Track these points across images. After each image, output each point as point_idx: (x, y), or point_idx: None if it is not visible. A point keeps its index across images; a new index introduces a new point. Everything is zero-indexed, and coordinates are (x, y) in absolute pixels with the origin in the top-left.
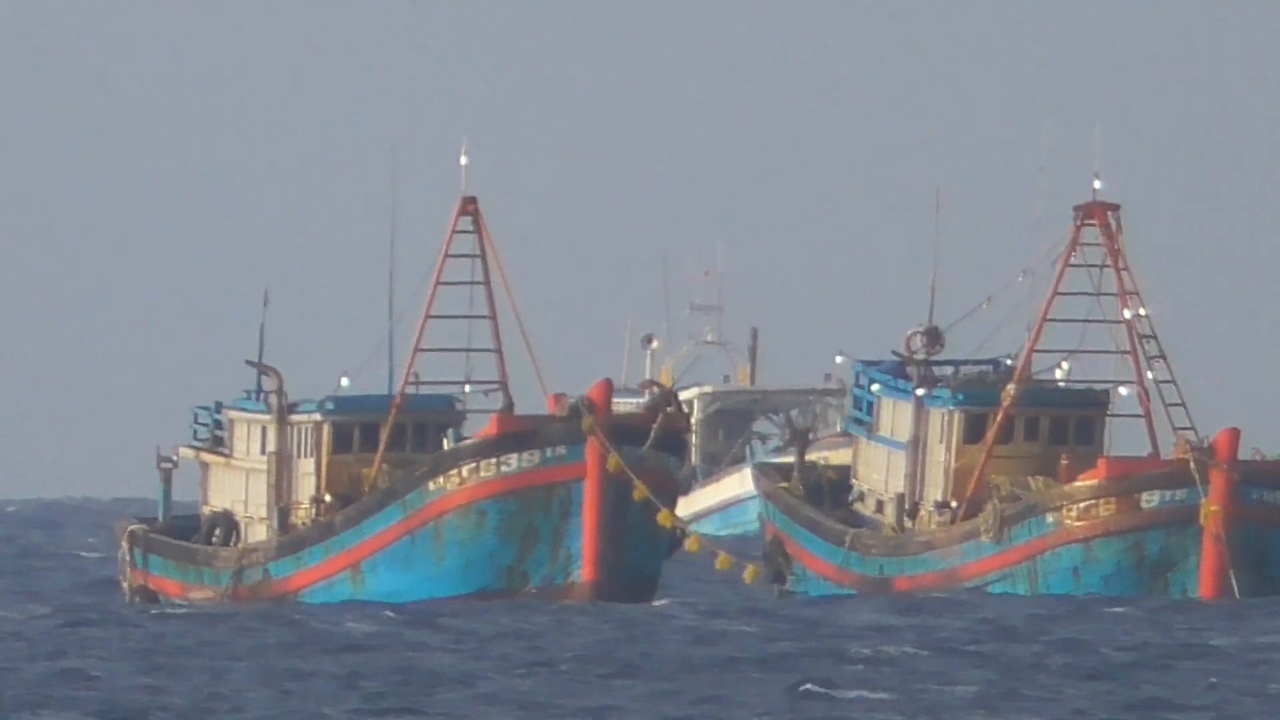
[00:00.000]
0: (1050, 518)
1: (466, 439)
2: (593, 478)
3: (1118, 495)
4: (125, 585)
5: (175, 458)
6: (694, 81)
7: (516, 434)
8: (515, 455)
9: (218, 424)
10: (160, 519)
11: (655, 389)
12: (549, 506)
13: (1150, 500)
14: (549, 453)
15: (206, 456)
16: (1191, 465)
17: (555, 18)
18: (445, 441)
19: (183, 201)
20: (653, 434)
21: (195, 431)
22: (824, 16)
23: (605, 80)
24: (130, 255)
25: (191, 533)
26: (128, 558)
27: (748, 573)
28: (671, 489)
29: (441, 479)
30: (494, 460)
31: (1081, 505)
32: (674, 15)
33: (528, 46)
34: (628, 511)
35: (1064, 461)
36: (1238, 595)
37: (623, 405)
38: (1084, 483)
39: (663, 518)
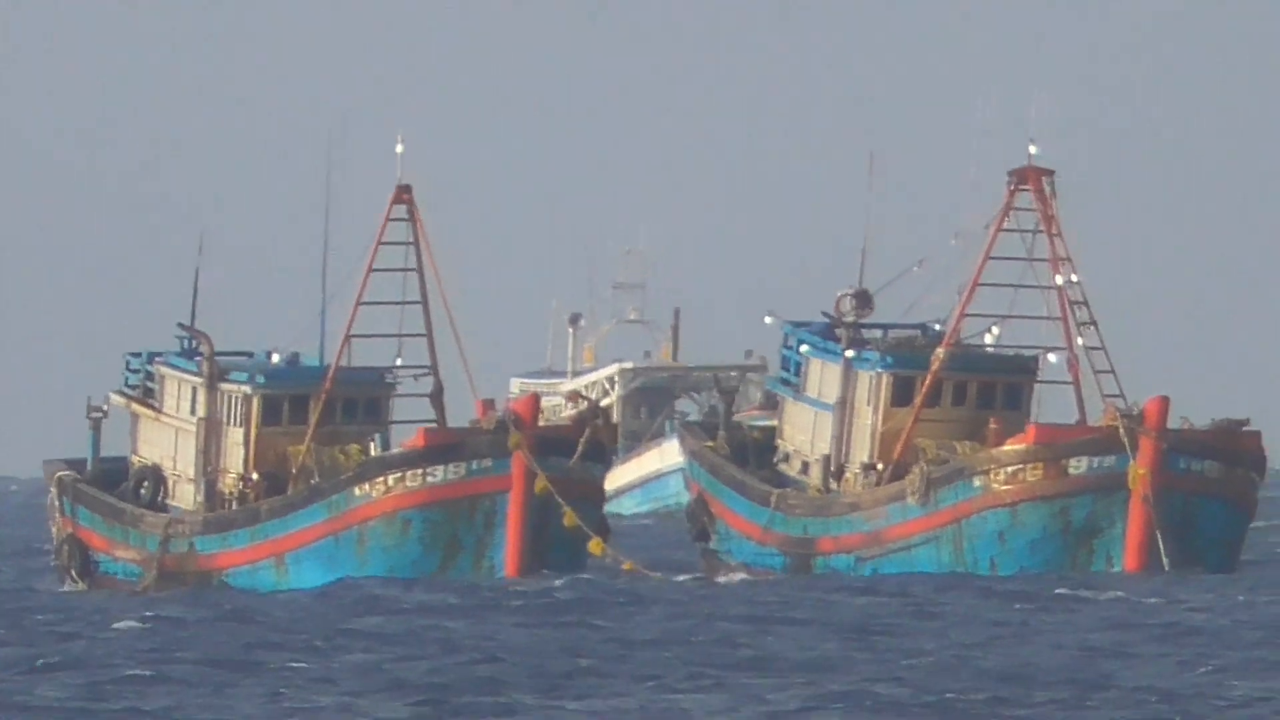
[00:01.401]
0: (977, 481)
1: (392, 433)
2: (517, 490)
3: (1045, 461)
4: (54, 531)
5: (106, 406)
6: (618, 56)
7: (443, 446)
8: (441, 467)
9: (149, 375)
10: (89, 467)
11: (582, 401)
12: (473, 517)
13: (1078, 466)
14: (474, 464)
15: (137, 407)
16: (1120, 432)
17: (483, 8)
18: (373, 447)
19: (120, 172)
20: (580, 447)
21: (126, 379)
22: None
23: (529, 59)
24: (66, 222)
25: (120, 479)
26: (56, 504)
27: (625, 565)
28: (598, 499)
29: (368, 485)
30: (420, 470)
31: (1009, 470)
32: None
33: (455, 35)
34: (551, 523)
35: (992, 426)
36: (1165, 563)
37: (547, 385)
38: (1012, 447)
39: (593, 546)
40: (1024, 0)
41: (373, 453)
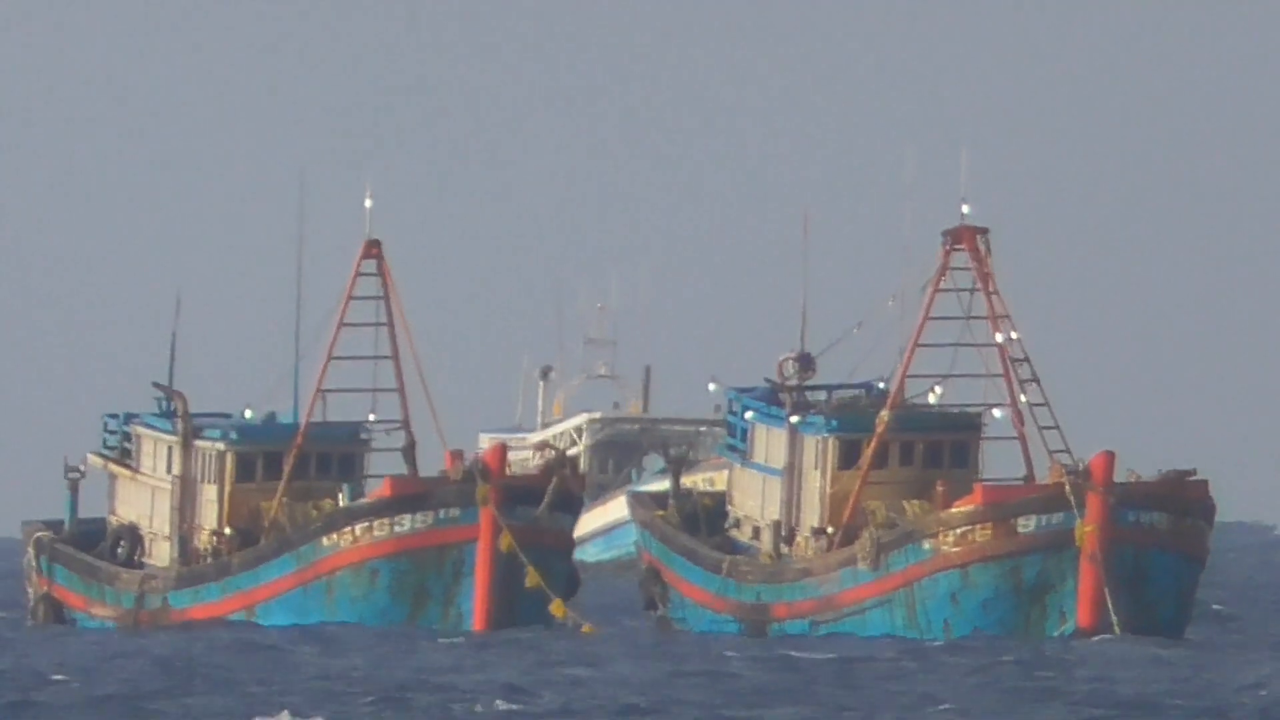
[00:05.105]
0: (927, 544)
1: (363, 492)
2: (485, 541)
3: (994, 520)
4: (30, 592)
5: (83, 467)
6: (585, 121)
7: (410, 495)
8: (409, 516)
9: (126, 435)
10: (67, 528)
11: (550, 451)
12: (441, 566)
13: (1027, 525)
14: (442, 514)
15: (114, 468)
16: (1067, 489)
17: (449, 62)
18: (341, 498)
19: (95, 224)
20: (547, 496)
21: (104, 440)
22: (699, 54)
23: (498, 120)
24: (41, 277)
25: (98, 539)
26: (34, 564)
27: (584, 628)
28: (567, 550)
29: (335, 535)
30: (387, 520)
31: (958, 531)
32: (560, 59)
33: (424, 88)
34: (519, 572)
35: (940, 488)
36: (1115, 621)
37: (515, 441)
38: (960, 509)
39: (555, 608)
40: (953, 59)
41: (341, 503)
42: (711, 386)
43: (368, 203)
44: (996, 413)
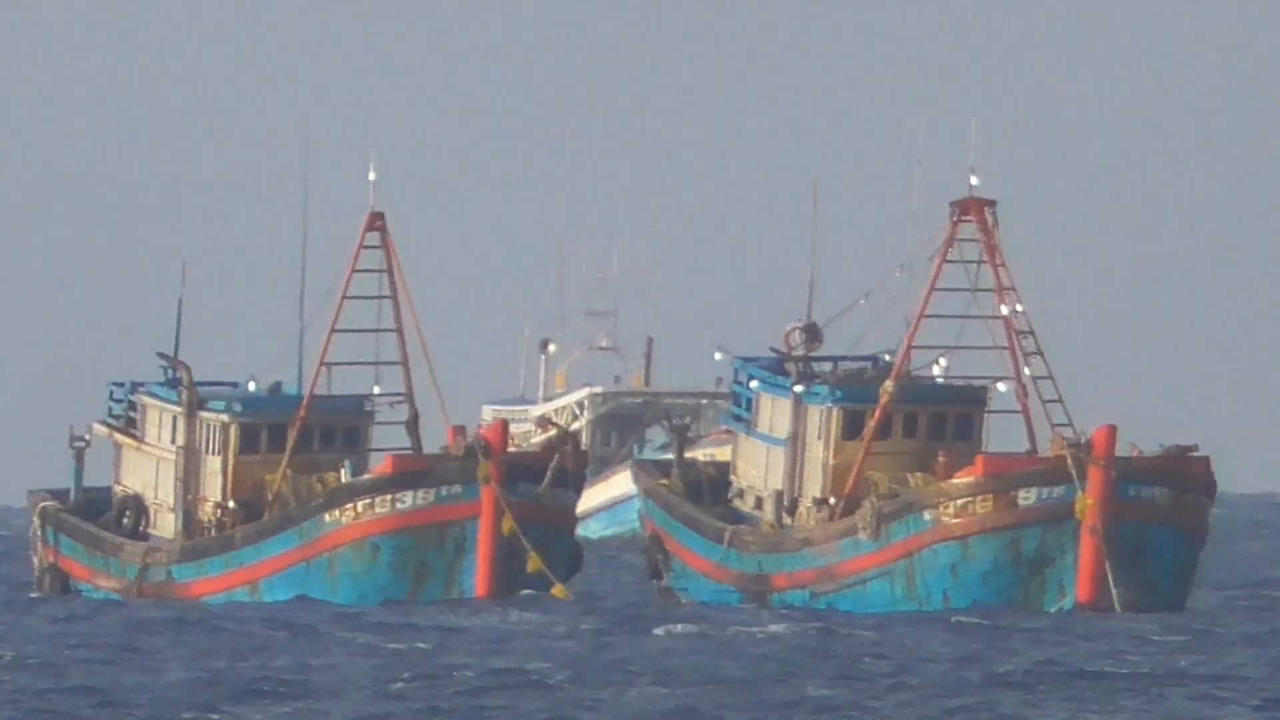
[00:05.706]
0: (928, 515)
1: (366, 465)
2: (487, 517)
3: (995, 492)
4: (36, 561)
5: (88, 436)
6: (587, 92)
7: (412, 472)
8: (410, 493)
9: (131, 404)
10: (72, 497)
11: (553, 428)
12: (443, 543)
13: (1027, 497)
14: (444, 491)
15: (119, 437)
16: (1069, 462)
17: (452, 33)
18: (343, 473)
19: (101, 193)
20: (549, 473)
21: (110, 409)
22: (705, 21)
23: (501, 92)
24: (46, 246)
25: (104, 508)
26: (39, 534)
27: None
28: (569, 527)
29: (337, 512)
30: (389, 497)
31: (959, 502)
32: (563, 30)
33: (427, 60)
34: (520, 550)
35: (941, 459)
36: (1115, 596)
37: (518, 413)
38: (961, 480)
39: (557, 591)
40: (963, 30)
41: (343, 479)
42: (718, 355)
43: (371, 175)
44: (1001, 386)
